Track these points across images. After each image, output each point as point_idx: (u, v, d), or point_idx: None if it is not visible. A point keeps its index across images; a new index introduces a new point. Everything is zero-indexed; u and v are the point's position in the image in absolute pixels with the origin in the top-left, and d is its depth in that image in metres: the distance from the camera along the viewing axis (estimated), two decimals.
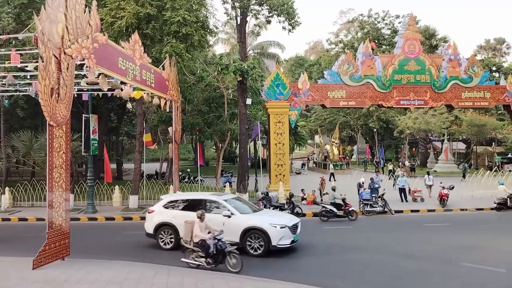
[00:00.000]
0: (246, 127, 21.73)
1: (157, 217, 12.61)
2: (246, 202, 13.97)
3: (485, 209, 19.83)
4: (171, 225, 12.32)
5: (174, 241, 12.17)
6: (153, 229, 12.55)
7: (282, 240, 11.47)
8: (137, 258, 10.96)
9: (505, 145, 46.68)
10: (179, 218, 11.82)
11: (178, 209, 12.60)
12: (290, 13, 20.80)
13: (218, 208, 12.14)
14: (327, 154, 43.22)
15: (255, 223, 11.70)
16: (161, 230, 12.47)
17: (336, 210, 17.58)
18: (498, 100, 24.39)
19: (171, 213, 12.51)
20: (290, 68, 69.70)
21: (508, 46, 69.68)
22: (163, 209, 12.76)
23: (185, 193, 17.37)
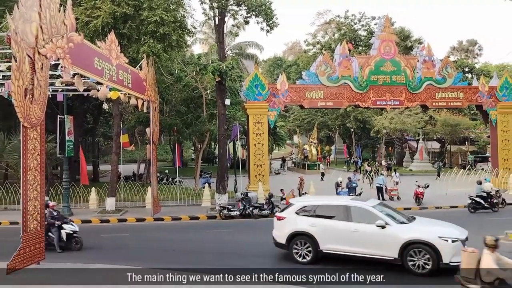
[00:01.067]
0: (225, 127, 21.69)
1: (290, 225, 10.99)
2: (394, 209, 11.81)
3: (459, 206, 20.35)
4: (308, 235, 10.64)
5: (313, 254, 10.55)
6: (285, 239, 10.91)
7: (456, 257, 9.16)
8: (115, 262, 10.81)
9: (477, 144, 48.03)
10: (319, 226, 10.54)
11: (315, 215, 10.93)
12: (268, 14, 20.87)
13: (365, 216, 10.31)
14: (307, 154, 43.54)
15: (420, 236, 9.75)
16: (296, 240, 10.77)
17: (483, 202, 18.69)
18: (471, 100, 25.09)
19: (307, 220, 10.86)
20: (268, 68, 69.91)
21: (480, 48, 71.65)
22: (295, 215, 11.13)
23: (320, 197, 15.45)
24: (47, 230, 11.86)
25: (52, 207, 12.72)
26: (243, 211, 18.33)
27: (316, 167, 42.04)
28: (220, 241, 14.20)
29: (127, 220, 18.10)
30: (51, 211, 12.52)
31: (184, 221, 18.16)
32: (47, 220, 11.86)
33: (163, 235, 15.34)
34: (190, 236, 15.28)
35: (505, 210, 19.56)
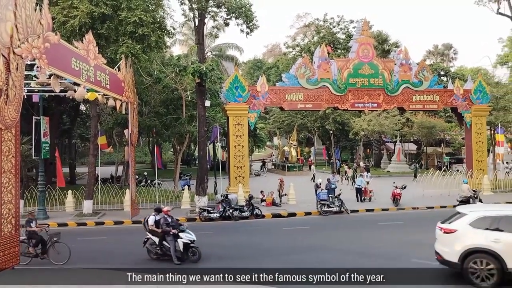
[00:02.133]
0: (205, 129, 21.60)
1: (464, 240, 9.25)
2: None
3: (435, 207, 20.80)
4: (491, 253, 8.94)
5: (497, 275, 8.89)
6: (458, 257, 9.19)
7: None
8: (96, 265, 10.65)
9: (453, 146, 49.19)
10: (507, 243, 8.87)
11: (498, 229, 9.14)
12: (248, 16, 20.91)
13: None
14: (288, 156, 43.73)
15: None
16: (473, 259, 9.03)
17: None
18: (446, 103, 25.68)
19: (489, 234, 9.10)
20: (248, 70, 70.00)
21: (455, 52, 73.50)
22: (470, 228, 9.38)
23: (502, 206, 13.37)
24: (161, 239, 11.42)
25: (167, 213, 11.71)
26: (223, 213, 18.29)
27: (296, 168, 42.30)
28: (200, 244, 14.11)
29: (105, 223, 17.83)
30: (165, 217, 11.56)
31: None
32: (162, 228, 11.28)
33: (141, 238, 15.12)
34: None
35: None
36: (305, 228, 16.23)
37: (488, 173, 26.30)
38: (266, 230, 16.30)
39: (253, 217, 18.63)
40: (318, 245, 13.13)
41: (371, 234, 14.63)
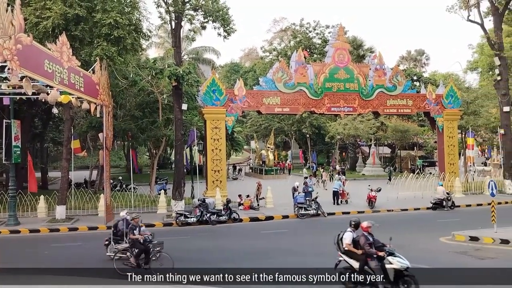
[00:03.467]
0: (181, 132, 21.42)
1: None
2: None
3: (409, 209, 21.23)
4: None
5: None
6: None
7: None
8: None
9: (425, 149, 50.34)
10: None
11: None
12: (226, 20, 20.90)
13: None
14: (265, 159, 43.84)
15: None
16: None
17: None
18: (419, 108, 26.28)
19: None
20: (225, 74, 69.94)
21: (428, 57, 75.41)
22: None
23: None
24: (364, 263, 8.88)
25: (367, 229, 9.19)
26: (201, 217, 18.17)
27: (274, 172, 42.41)
28: (178, 249, 13.96)
29: (79, 229, 17.43)
30: (366, 235, 9.13)
31: None
32: (364, 249, 8.88)
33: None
34: None
35: (454, 211, 20.66)
36: (282, 231, 16.29)
37: (459, 175, 27.03)
38: (244, 233, 16.29)
39: (231, 221, 18.58)
40: (297, 248, 13.20)
41: None
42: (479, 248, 12.92)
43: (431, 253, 12.21)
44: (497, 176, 28.98)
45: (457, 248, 12.85)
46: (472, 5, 26.58)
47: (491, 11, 26.84)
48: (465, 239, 13.88)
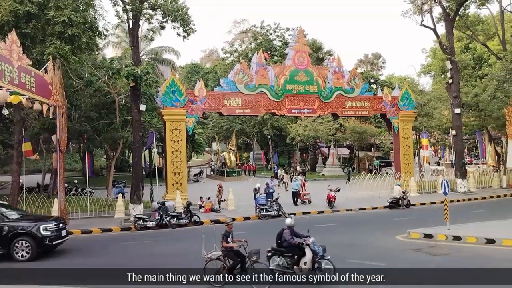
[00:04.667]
0: (140, 134, 20.90)
1: None
2: None
3: (367, 208, 21.74)
4: None
5: None
6: None
7: None
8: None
9: (382, 150, 51.88)
10: None
11: None
12: (185, 20, 20.57)
13: None
14: (224, 161, 43.63)
15: None
16: None
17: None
18: (376, 109, 27.02)
19: None
20: (186, 75, 69.16)
21: (384, 61, 77.98)
22: None
23: None
24: None
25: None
26: (160, 221, 17.78)
27: (235, 174, 42.31)
28: (138, 254, 13.59)
29: None
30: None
31: (96, 234, 17.10)
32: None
33: (68, 249, 14.25)
34: (100, 250, 14.39)
35: (410, 210, 21.34)
36: (243, 233, 16.18)
37: (414, 175, 28.00)
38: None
39: (192, 224, 18.30)
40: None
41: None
42: (433, 245, 13.38)
43: (389, 251, 12.52)
44: (449, 175, 30.26)
45: (412, 245, 13.24)
46: (425, 10, 27.63)
47: (443, 17, 28.02)
48: (420, 237, 14.34)
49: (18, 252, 12.58)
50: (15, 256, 12.50)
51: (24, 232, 12.79)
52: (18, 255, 12.53)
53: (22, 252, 12.60)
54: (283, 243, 10.11)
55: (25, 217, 14.07)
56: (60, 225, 13.51)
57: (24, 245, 12.60)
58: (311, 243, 9.79)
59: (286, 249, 10.05)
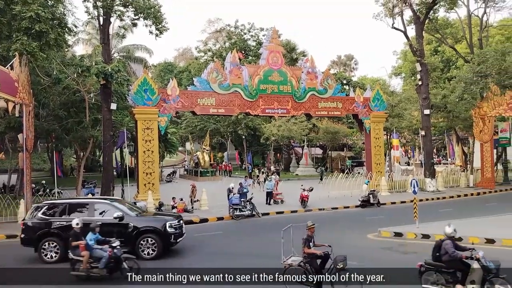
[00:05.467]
0: (111, 134, 20.50)
1: None
2: None
3: (339, 208, 22.00)
4: None
5: None
6: None
7: None
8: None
9: (354, 150, 52.75)
10: None
11: None
12: (158, 17, 20.32)
13: None
14: (197, 161, 43.31)
15: None
16: None
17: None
18: (348, 110, 27.37)
19: None
20: (159, 73, 68.28)
21: (356, 62, 79.29)
22: None
23: None
24: None
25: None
26: None
27: (209, 174, 42.05)
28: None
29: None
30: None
31: None
32: None
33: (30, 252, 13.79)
34: None
35: (381, 209, 21.71)
36: (217, 234, 16.10)
37: (385, 174, 28.53)
38: None
39: None
40: (233, 250, 13.11)
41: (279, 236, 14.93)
42: (403, 243, 13.65)
43: (360, 249, 12.69)
44: (418, 175, 30.98)
45: (383, 244, 13.46)
46: (396, 13, 28.21)
47: (413, 20, 28.67)
48: (390, 235, 14.60)
49: (144, 250, 12.20)
50: (140, 254, 12.06)
51: (150, 229, 12.39)
52: (144, 253, 12.14)
53: (148, 250, 12.22)
54: (443, 256, 8.83)
55: (145, 213, 13.87)
56: (180, 222, 13.14)
57: (150, 243, 12.24)
58: (481, 257, 8.35)
59: (446, 263, 8.72)
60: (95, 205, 12.71)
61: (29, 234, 12.50)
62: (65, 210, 12.53)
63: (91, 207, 12.60)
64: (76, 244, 10.29)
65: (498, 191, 27.47)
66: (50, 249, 12.20)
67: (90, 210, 12.50)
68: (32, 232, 12.45)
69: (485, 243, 12.92)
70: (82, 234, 10.56)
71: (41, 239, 12.25)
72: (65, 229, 11.96)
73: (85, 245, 10.19)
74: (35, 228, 12.42)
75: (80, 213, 12.45)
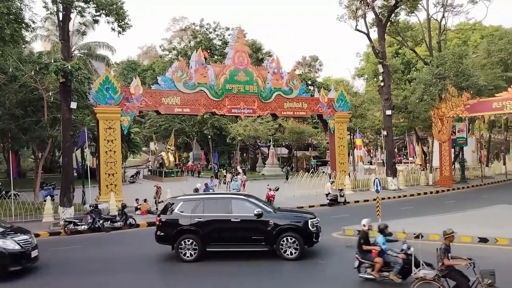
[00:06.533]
0: (71, 133, 19.74)
1: None
2: None
3: (304, 206, 22.18)
4: None
5: None
6: None
7: None
8: None
9: (319, 150, 53.49)
10: None
11: None
12: (120, 14, 19.69)
13: None
14: (162, 161, 42.62)
15: None
16: None
17: None
18: (313, 110, 27.70)
19: None
20: (122, 72, 66.78)
21: (321, 63, 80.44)
22: None
23: None
24: None
25: None
26: (93, 224, 16.92)
27: (174, 174, 41.46)
28: (67, 260, 12.77)
29: None
30: None
31: None
32: None
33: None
34: None
35: (346, 207, 22.05)
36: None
37: (348, 173, 29.06)
38: (141, 239, 15.49)
39: (127, 227, 17.59)
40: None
41: None
42: None
43: (326, 248, 12.81)
44: (381, 173, 31.76)
45: (347, 242, 13.64)
46: (360, 15, 28.78)
47: (375, 22, 29.35)
48: (354, 233, 14.77)
49: (285, 249, 11.49)
50: (281, 254, 11.44)
51: (292, 227, 11.65)
52: (286, 254, 11.44)
53: (290, 249, 11.48)
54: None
55: (280, 210, 12.85)
56: (318, 220, 12.36)
57: (291, 242, 11.48)
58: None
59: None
60: (232, 201, 12.04)
61: (165, 231, 11.96)
62: (202, 206, 11.90)
63: (227, 203, 11.97)
64: (369, 249, 9.50)
65: (456, 189, 28.54)
66: (187, 247, 11.61)
67: (227, 206, 11.86)
68: (169, 229, 11.86)
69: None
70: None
71: (179, 237, 11.69)
72: (202, 226, 11.53)
73: (378, 251, 9.30)
74: (172, 225, 11.82)
75: (216, 209, 11.88)
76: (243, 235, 11.67)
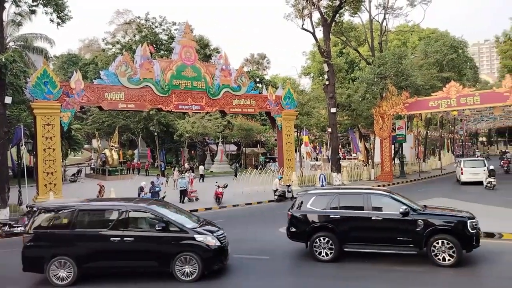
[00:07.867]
0: (5, 130, 18.53)
1: None
2: None
3: (252, 203, 22.34)
4: None
5: None
6: None
7: None
8: None
9: (267, 147, 54.11)
10: None
11: None
12: (60, 5, 18.77)
13: None
14: (105, 159, 41.13)
15: None
16: None
17: None
18: (261, 108, 27.92)
19: None
20: (61, 65, 63.63)
21: (269, 61, 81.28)
22: None
23: None
24: None
25: None
26: None
27: (118, 172, 40.17)
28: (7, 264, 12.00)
29: None
30: None
31: None
32: None
33: None
34: None
35: (292, 203, 22.40)
36: None
37: (296, 170, 29.62)
38: None
39: None
40: None
41: None
42: None
43: (272, 244, 12.96)
44: (326, 169, 32.66)
45: None
46: (306, 15, 29.29)
47: (321, 22, 30.02)
48: None
49: (437, 254, 9.82)
50: (433, 259, 9.85)
51: (447, 228, 9.88)
52: (438, 258, 9.79)
53: (444, 255, 9.80)
54: None
55: (430, 209, 10.91)
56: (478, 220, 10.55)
57: (447, 246, 9.75)
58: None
59: None
60: (371, 197, 10.77)
61: (299, 227, 11.15)
62: (337, 201, 10.90)
63: (366, 199, 10.71)
64: None
65: (396, 184, 29.96)
66: (323, 246, 10.69)
67: (365, 202, 10.63)
68: (303, 225, 11.04)
69: None
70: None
71: (313, 234, 10.81)
72: (339, 222, 10.58)
73: None
74: (306, 221, 11.02)
75: (353, 205, 10.81)
76: (387, 236, 10.36)
